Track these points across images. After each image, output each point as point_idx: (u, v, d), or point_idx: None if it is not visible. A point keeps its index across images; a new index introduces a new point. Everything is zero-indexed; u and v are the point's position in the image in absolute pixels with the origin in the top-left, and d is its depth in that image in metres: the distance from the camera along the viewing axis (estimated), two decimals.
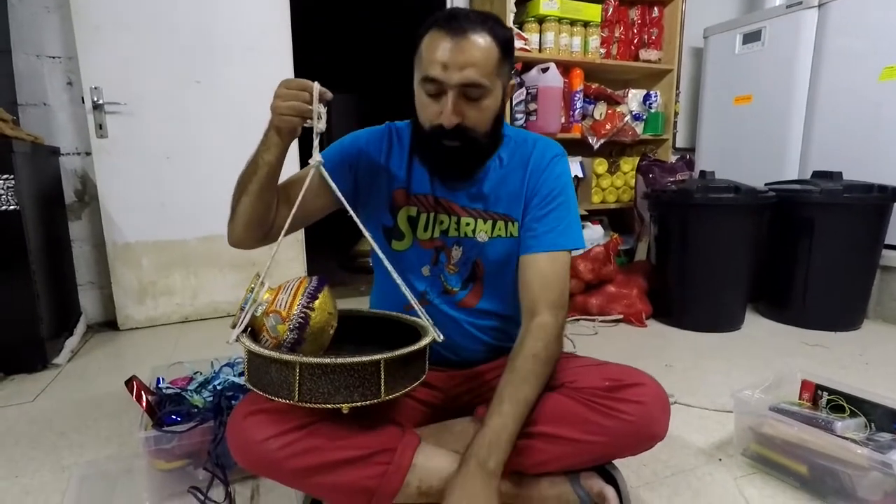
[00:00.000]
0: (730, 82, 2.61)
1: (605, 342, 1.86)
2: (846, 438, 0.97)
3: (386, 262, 0.83)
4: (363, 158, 0.95)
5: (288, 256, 2.34)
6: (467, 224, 0.95)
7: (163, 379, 1.20)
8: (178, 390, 1.11)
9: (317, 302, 0.76)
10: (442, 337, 0.83)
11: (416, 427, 0.96)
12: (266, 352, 0.71)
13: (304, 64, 2.29)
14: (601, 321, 2.01)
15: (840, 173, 1.96)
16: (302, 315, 0.74)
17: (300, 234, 2.36)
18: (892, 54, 1.99)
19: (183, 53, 2.05)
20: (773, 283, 2.07)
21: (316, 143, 0.76)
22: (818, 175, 2.02)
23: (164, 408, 1.03)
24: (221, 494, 0.93)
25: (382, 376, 0.71)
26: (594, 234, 2.35)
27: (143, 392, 1.02)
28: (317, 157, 0.77)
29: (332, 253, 3.40)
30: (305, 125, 0.77)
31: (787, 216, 1.97)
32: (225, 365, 1.21)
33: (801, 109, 2.32)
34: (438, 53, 0.80)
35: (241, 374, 1.18)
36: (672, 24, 2.57)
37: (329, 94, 0.77)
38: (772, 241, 2.02)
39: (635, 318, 2.00)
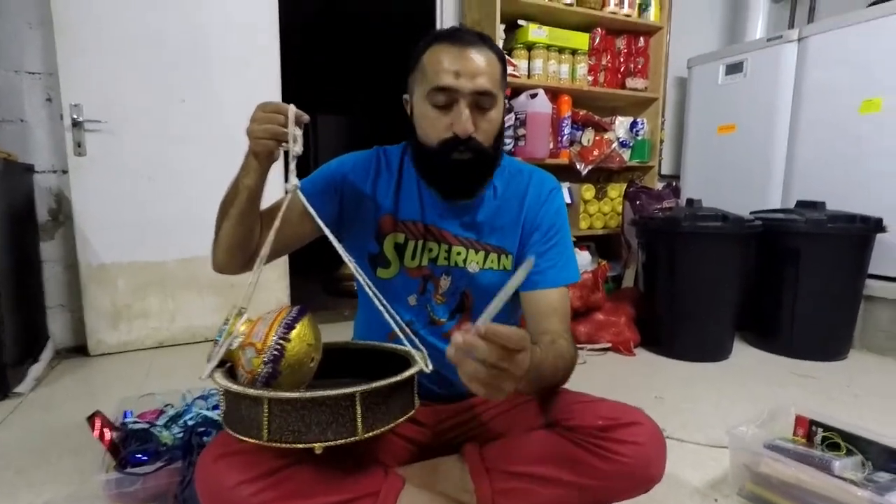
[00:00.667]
0: (713, 112, 2.66)
1: (593, 371, 1.82)
2: (844, 479, 0.94)
3: (369, 291, 0.79)
4: (349, 183, 0.92)
5: (271, 279, 2.28)
6: (458, 253, 0.92)
7: (131, 413, 1.13)
8: (146, 425, 1.05)
9: (294, 332, 0.71)
10: (431, 367, 0.78)
11: (401, 466, 0.91)
12: (234, 386, 0.66)
13: (293, 84, 2.28)
14: (590, 349, 1.98)
15: (823, 203, 1.98)
16: (277, 347, 0.69)
17: (283, 259, 2.30)
18: (871, 87, 2.04)
19: (168, 71, 2.01)
20: (760, 311, 2.06)
21: (292, 166, 0.73)
22: (802, 205, 2.04)
23: (130, 445, 0.97)
24: None
25: (359, 411, 0.65)
26: (582, 260, 2.33)
27: (105, 429, 0.95)
28: (293, 181, 0.74)
29: (316, 276, 3.33)
30: (282, 148, 0.75)
31: (773, 245, 1.97)
32: (198, 398, 1.15)
33: (783, 140, 2.36)
34: (447, 63, 0.80)
35: (214, 408, 1.12)
36: (657, 53, 2.61)
37: (305, 117, 0.74)
38: (758, 269, 2.02)
39: (623, 346, 1.97)
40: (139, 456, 0.93)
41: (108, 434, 0.95)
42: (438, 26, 2.47)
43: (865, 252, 1.92)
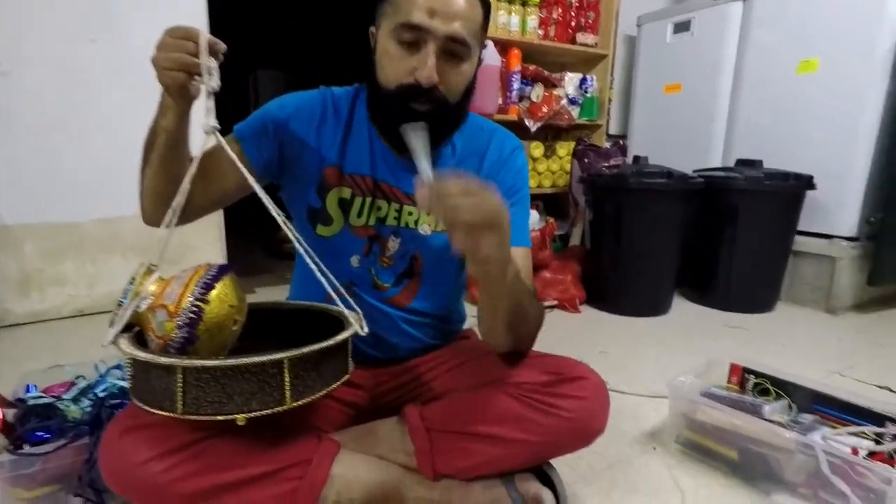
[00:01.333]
0: (661, 71, 2.66)
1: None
2: (773, 422, 0.98)
3: (300, 248, 0.71)
4: (290, 129, 0.81)
5: (204, 240, 2.13)
6: (410, 213, 0.84)
7: (35, 387, 1.01)
8: (51, 400, 0.94)
9: (213, 292, 0.63)
10: (366, 329, 0.72)
11: (337, 431, 0.86)
12: (141, 354, 0.58)
13: (224, 33, 2.07)
14: None
15: (761, 161, 2.04)
16: (194, 308, 0.61)
17: (218, 216, 2.14)
18: (808, 48, 2.08)
19: (75, 7, 1.77)
20: (699, 267, 2.13)
21: (209, 104, 0.63)
22: (741, 163, 2.09)
23: (29, 423, 0.86)
24: None
25: (287, 379, 0.59)
26: (531, 219, 2.31)
27: None
28: (210, 121, 0.63)
29: (256, 237, 3.17)
30: (194, 82, 0.64)
31: (714, 202, 2.02)
32: (113, 367, 1.04)
33: (725, 99, 2.39)
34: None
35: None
36: (608, 9, 2.56)
37: (221, 45, 0.63)
38: (699, 226, 2.07)
39: (569, 303, 1.99)
40: (39, 434, 0.83)
41: (2, 413, 0.84)
42: None
43: (797, 209, 2.00)
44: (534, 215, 2.36)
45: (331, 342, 0.64)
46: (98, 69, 1.83)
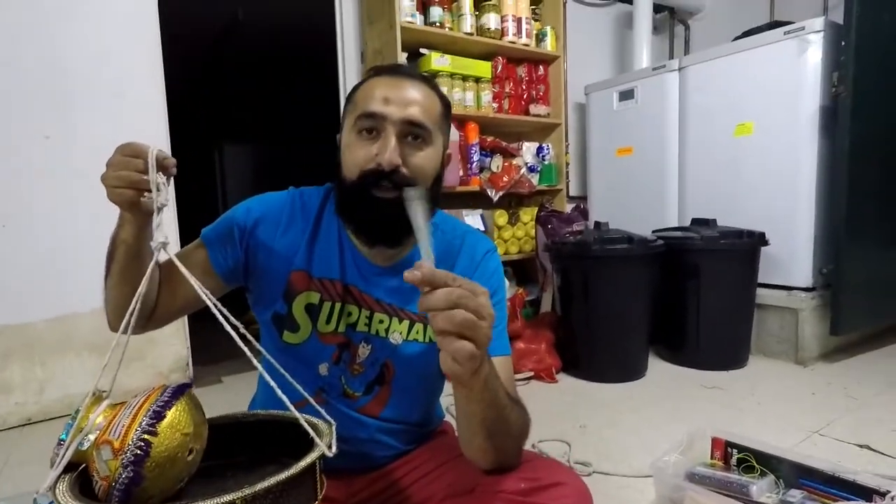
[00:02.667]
0: (611, 135, 2.80)
1: None
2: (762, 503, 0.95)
3: (257, 364, 0.67)
4: (256, 233, 0.79)
5: (165, 332, 2.02)
6: (380, 321, 0.81)
7: None
8: None
9: (164, 422, 0.56)
10: (335, 450, 0.68)
11: None
12: None
13: (187, 113, 2.08)
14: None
15: (715, 220, 2.12)
16: (140, 444, 0.54)
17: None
18: (742, 113, 2.23)
19: (28, 102, 1.75)
20: (669, 326, 2.16)
21: (157, 219, 0.61)
22: (696, 222, 2.17)
23: None
24: None
25: None
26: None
27: None
28: (159, 237, 0.62)
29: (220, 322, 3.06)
30: (143, 198, 0.63)
31: (675, 262, 2.08)
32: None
33: (674, 160, 2.52)
34: (379, 91, 0.73)
35: None
36: (557, 81, 2.71)
37: (171, 161, 0.63)
38: (664, 286, 2.11)
39: (546, 373, 1.96)
40: None
41: None
42: (339, 55, 2.40)
43: (754, 264, 2.07)
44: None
45: (292, 471, 0.58)
46: (51, 165, 1.80)
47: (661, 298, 2.10)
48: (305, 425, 0.66)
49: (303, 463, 0.60)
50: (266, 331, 0.84)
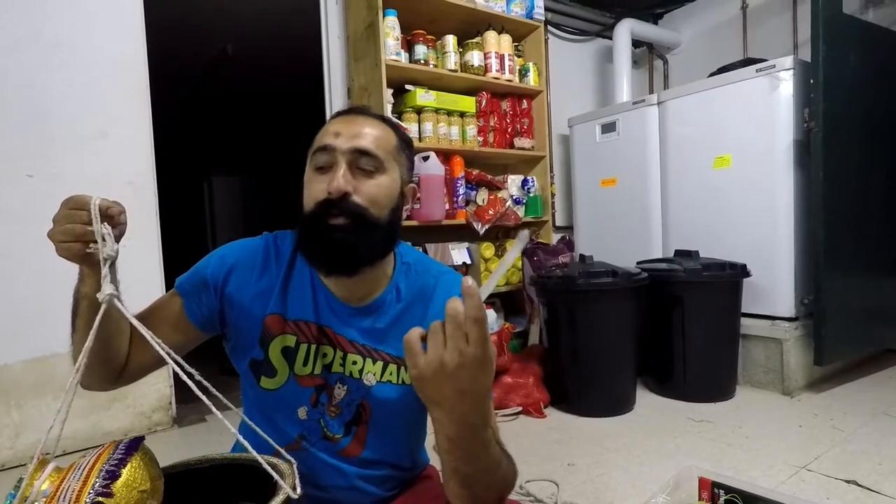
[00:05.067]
0: (595, 167, 2.85)
1: (506, 440, 1.76)
2: None
3: (227, 423, 0.66)
4: (230, 280, 0.79)
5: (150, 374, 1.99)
6: (354, 363, 0.80)
7: None
8: None
9: (119, 481, 0.55)
10: (299, 491, 0.66)
11: None
12: None
13: (175, 144, 2.08)
14: (501, 416, 1.92)
15: (697, 252, 2.15)
16: None
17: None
18: (720, 146, 2.29)
19: (11, 142, 1.75)
20: (655, 358, 2.16)
21: (104, 270, 0.61)
22: (679, 254, 2.20)
23: None
24: None
25: None
26: (488, 318, 2.32)
27: None
28: (106, 289, 0.61)
29: (209, 355, 3.01)
30: (89, 250, 0.62)
31: (660, 294, 2.09)
32: None
33: (657, 192, 2.56)
34: (333, 127, 0.76)
35: None
36: (540, 114, 2.77)
37: (116, 210, 0.63)
38: (649, 318, 2.12)
39: (534, 408, 1.95)
40: None
41: None
42: (326, 89, 2.44)
43: (737, 295, 2.09)
44: (491, 314, 2.37)
45: None
46: (34, 206, 1.79)
47: (647, 330, 2.11)
48: (266, 466, 0.64)
49: None
50: (245, 379, 0.83)
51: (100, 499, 0.53)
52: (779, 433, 1.72)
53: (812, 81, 1.99)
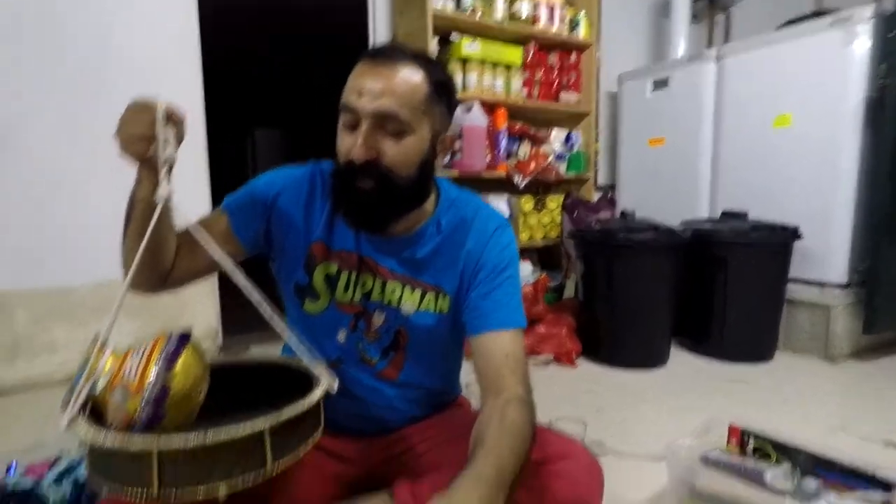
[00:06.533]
0: (643, 125, 2.75)
1: (536, 385, 1.75)
2: (776, 490, 0.95)
3: (273, 323, 0.70)
4: (278, 203, 0.82)
5: (195, 299, 2.11)
6: (393, 291, 0.84)
7: (15, 466, 0.99)
8: (31, 482, 0.91)
9: (178, 365, 0.61)
10: (336, 388, 0.70)
11: None
12: (109, 442, 0.55)
13: (219, 98, 2.15)
14: (532, 363, 1.96)
15: (746, 213, 2.08)
16: (160, 384, 0.59)
17: (211, 279, 2.15)
18: (781, 104, 2.17)
19: (73, 69, 1.84)
20: (693, 317, 2.13)
21: (162, 173, 0.63)
22: (727, 215, 2.13)
23: None
24: None
25: (268, 445, 0.58)
26: (523, 271, 2.33)
27: None
28: (163, 189, 0.63)
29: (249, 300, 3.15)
30: (151, 153, 0.64)
31: (703, 254, 2.04)
32: None
33: (707, 152, 2.46)
34: (357, 81, 0.73)
35: None
36: (589, 69, 2.68)
37: (179, 115, 0.65)
38: (690, 277, 2.08)
39: (565, 357, 1.97)
40: None
41: None
42: (371, 40, 2.43)
43: (786, 258, 2.02)
44: (527, 268, 2.38)
45: (308, 404, 0.63)
46: (94, 130, 1.88)
47: (686, 290, 2.07)
48: (306, 357, 0.70)
49: (314, 396, 0.65)
50: (289, 302, 0.87)
51: (164, 375, 0.59)
52: (817, 395, 1.69)
53: (892, 34, 1.84)
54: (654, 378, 1.88)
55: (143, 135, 0.62)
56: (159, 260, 0.75)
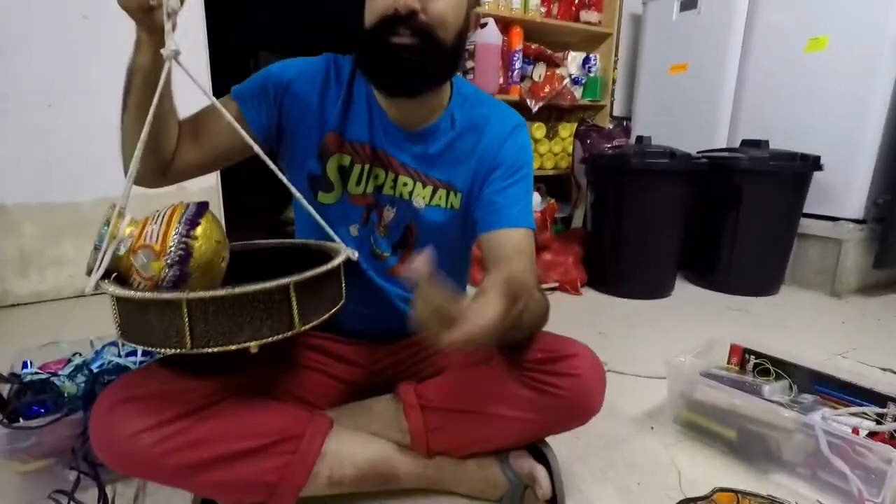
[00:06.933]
0: (667, 50, 2.60)
1: None
2: (773, 402, 0.97)
3: (304, 204, 0.71)
4: (292, 90, 0.79)
5: None
6: (405, 184, 0.82)
7: (30, 363, 1.01)
8: (46, 376, 0.94)
9: (199, 229, 0.61)
10: (357, 255, 0.72)
11: (331, 407, 0.85)
12: (140, 294, 0.56)
13: (224, 15, 2.03)
14: None
15: (767, 142, 2.00)
16: (182, 246, 0.59)
17: (217, 197, 2.13)
18: (817, 26, 2.03)
19: None
20: (701, 249, 2.11)
21: (168, 25, 0.57)
22: (747, 143, 2.05)
23: (24, 397, 0.86)
24: (95, 497, 0.79)
25: (294, 303, 0.59)
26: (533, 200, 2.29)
27: None
28: (170, 46, 0.57)
29: (258, 221, 3.16)
30: (153, 3, 0.57)
31: (717, 183, 1.99)
32: (109, 344, 1.04)
33: (732, 78, 2.34)
34: None
35: (128, 355, 1.02)
36: None
37: None
38: (701, 208, 2.04)
39: (570, 286, 1.98)
40: (35, 408, 0.83)
41: None
42: None
43: (802, 190, 1.97)
44: (535, 197, 2.34)
45: (330, 265, 0.64)
46: (90, 46, 1.81)
47: (697, 220, 2.04)
48: (329, 231, 0.73)
49: (336, 261, 0.66)
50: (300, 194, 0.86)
51: (186, 240, 0.59)
52: (819, 325, 1.70)
53: None
54: (657, 307, 1.89)
55: None
56: (161, 143, 0.71)
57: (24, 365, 1.01)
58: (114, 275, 0.61)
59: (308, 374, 0.86)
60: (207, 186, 2.07)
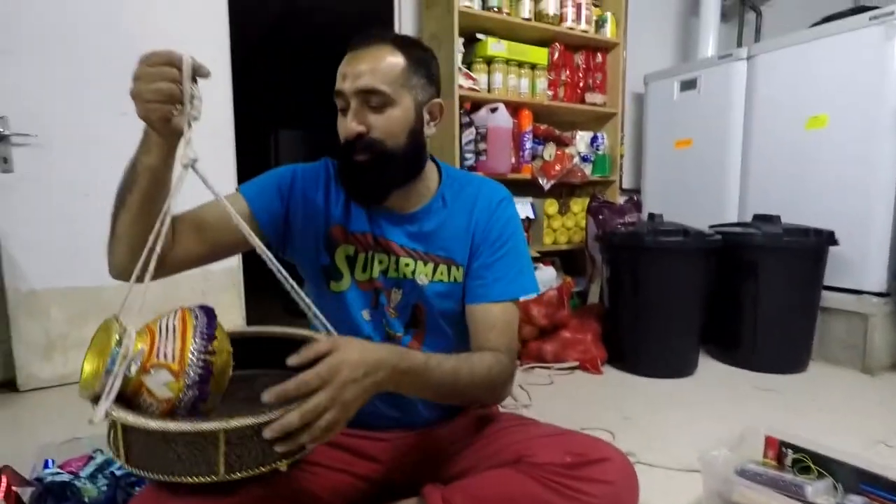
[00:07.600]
0: (670, 127, 2.70)
1: (561, 392, 1.77)
2: None
3: (299, 299, 0.74)
4: (297, 189, 0.86)
5: (223, 300, 2.15)
6: (406, 265, 0.87)
7: (52, 462, 1.01)
8: (68, 477, 0.92)
9: (216, 343, 0.59)
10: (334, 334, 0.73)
11: None
12: (175, 424, 0.52)
13: (245, 94, 2.17)
14: (557, 369, 1.93)
15: (779, 217, 2.02)
16: (202, 364, 0.57)
17: (238, 276, 2.17)
18: (816, 104, 2.10)
19: (108, 82, 1.87)
20: (722, 325, 2.07)
21: (188, 133, 0.59)
22: (759, 218, 2.07)
23: (46, 502, 0.85)
24: None
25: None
26: (546, 275, 2.30)
27: (13, 487, 0.83)
28: (190, 153, 0.59)
29: (275, 294, 3.19)
30: (175, 112, 0.58)
31: (733, 259, 1.99)
32: None
33: (737, 154, 2.40)
34: (341, 68, 0.80)
35: None
36: (615, 69, 2.64)
37: (205, 70, 0.60)
38: (719, 283, 2.03)
39: (591, 364, 1.94)
40: None
41: (17, 493, 0.83)
42: None
43: (820, 264, 1.95)
44: (550, 272, 2.35)
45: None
46: (125, 140, 1.92)
47: (716, 296, 2.02)
48: (324, 321, 0.74)
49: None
50: (313, 284, 0.89)
51: (206, 356, 0.57)
52: (854, 407, 1.63)
53: None
54: (682, 386, 1.84)
55: (170, 92, 0.58)
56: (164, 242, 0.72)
57: (46, 464, 1.00)
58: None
59: (326, 475, 0.84)
60: (228, 267, 2.12)
